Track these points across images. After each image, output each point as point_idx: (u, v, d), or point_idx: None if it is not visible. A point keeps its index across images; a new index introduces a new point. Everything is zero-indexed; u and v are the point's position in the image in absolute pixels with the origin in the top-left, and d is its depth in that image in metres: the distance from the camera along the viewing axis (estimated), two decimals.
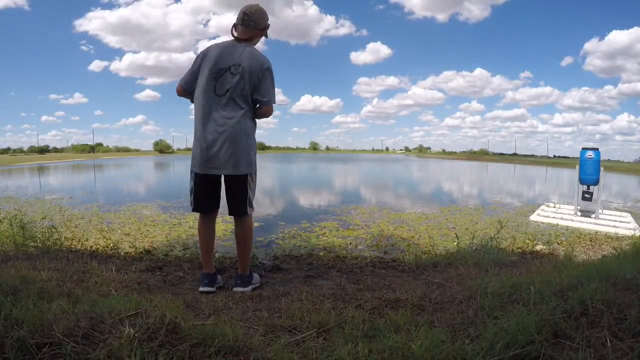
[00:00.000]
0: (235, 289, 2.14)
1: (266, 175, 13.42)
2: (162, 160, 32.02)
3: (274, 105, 2.21)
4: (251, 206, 2.20)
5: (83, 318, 1.14)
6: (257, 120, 2.23)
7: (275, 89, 2.20)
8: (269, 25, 2.22)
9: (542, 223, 5.16)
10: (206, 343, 1.12)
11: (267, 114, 2.21)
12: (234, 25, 2.16)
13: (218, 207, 2.22)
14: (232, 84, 2.06)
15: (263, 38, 2.27)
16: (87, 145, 61.77)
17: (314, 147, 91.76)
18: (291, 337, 1.31)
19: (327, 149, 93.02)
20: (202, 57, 2.13)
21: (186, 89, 2.17)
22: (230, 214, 2.19)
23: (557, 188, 12.30)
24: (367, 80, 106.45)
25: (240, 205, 2.15)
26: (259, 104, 2.16)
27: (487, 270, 2.33)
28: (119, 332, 1.09)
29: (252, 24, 2.14)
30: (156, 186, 11.03)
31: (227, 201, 2.17)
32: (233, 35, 2.15)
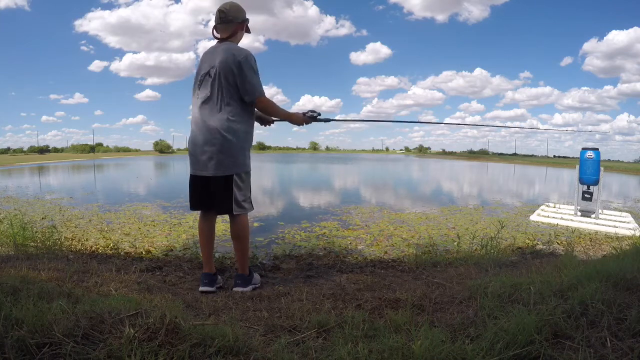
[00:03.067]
0: (235, 289, 2.14)
1: (266, 175, 13.43)
2: (162, 160, 32.02)
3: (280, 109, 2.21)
4: (240, 206, 2.13)
5: (83, 318, 1.14)
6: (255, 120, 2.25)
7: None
8: (248, 19, 2.22)
9: (542, 223, 5.16)
10: (206, 343, 1.12)
11: (260, 105, 2.16)
12: (214, 27, 2.17)
13: (212, 207, 2.21)
14: (211, 86, 2.07)
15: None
16: (87, 145, 61.87)
17: (314, 147, 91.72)
18: (291, 337, 1.31)
19: (327, 149, 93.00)
20: (196, 71, 2.19)
21: None
22: (217, 213, 2.21)
23: (557, 188, 12.30)
24: (366, 80, 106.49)
25: (224, 205, 2.11)
26: (249, 103, 2.12)
27: (487, 270, 2.33)
28: (119, 332, 1.09)
29: (230, 19, 2.14)
30: (156, 186, 11.03)
31: (215, 200, 2.14)
32: (215, 37, 2.17)
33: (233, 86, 2.05)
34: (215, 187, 2.11)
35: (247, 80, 2.05)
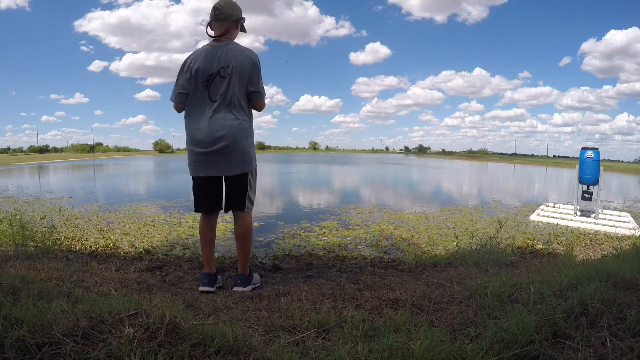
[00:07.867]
0: (235, 289, 2.14)
1: (266, 174, 13.42)
2: (162, 160, 32.01)
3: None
4: (251, 204, 2.21)
5: (83, 318, 1.14)
6: (255, 120, 2.24)
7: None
8: (244, 18, 2.20)
9: (542, 223, 5.16)
10: (206, 343, 1.12)
11: (260, 106, 2.21)
12: (208, 25, 2.14)
13: (220, 207, 2.22)
14: (225, 87, 2.06)
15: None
16: (87, 145, 62.02)
17: (314, 147, 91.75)
18: (291, 337, 1.31)
19: (327, 149, 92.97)
20: (187, 68, 2.10)
21: (185, 105, 2.16)
22: (227, 210, 2.20)
23: (557, 188, 12.29)
24: (366, 80, 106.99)
25: (239, 202, 2.16)
26: (251, 96, 2.14)
27: (487, 270, 2.33)
28: (119, 332, 1.09)
29: (224, 17, 2.12)
30: (156, 186, 11.03)
31: (226, 198, 2.18)
32: (210, 35, 2.13)
33: (244, 86, 2.10)
34: (234, 185, 2.14)
35: (259, 81, 2.14)
